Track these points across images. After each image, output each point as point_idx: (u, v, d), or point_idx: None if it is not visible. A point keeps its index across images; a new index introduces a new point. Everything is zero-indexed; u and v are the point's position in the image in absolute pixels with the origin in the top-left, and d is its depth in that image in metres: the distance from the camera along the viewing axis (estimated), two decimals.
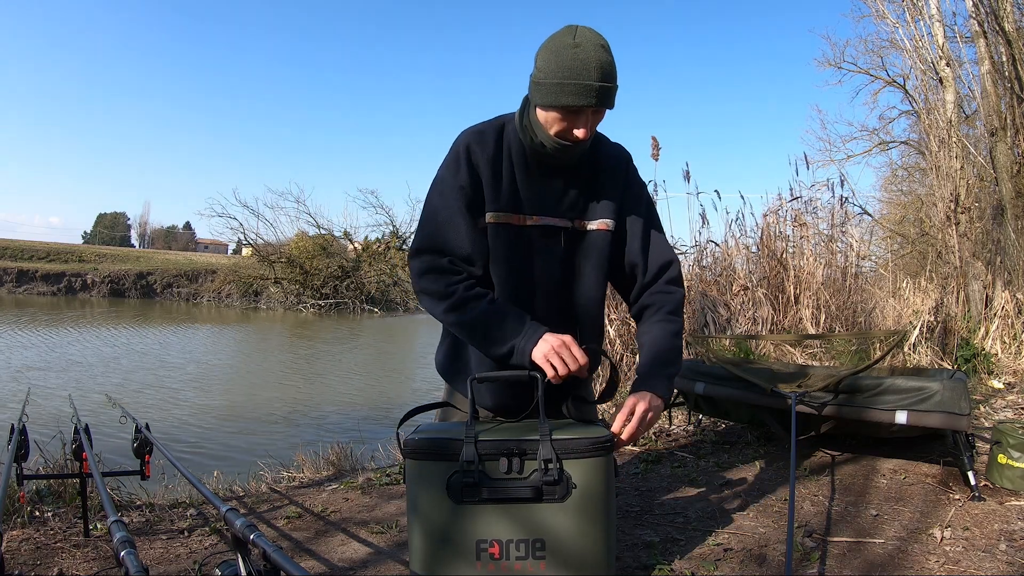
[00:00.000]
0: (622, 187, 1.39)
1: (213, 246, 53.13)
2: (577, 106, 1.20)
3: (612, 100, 1.23)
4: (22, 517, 1.65)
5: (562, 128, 1.24)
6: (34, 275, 24.25)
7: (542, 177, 1.33)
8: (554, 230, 1.34)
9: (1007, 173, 4.88)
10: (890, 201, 13.12)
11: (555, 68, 1.20)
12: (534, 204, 1.33)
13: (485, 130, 1.34)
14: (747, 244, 4.66)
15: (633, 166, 1.44)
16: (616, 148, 1.43)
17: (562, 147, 1.26)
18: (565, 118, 1.23)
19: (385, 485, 2.07)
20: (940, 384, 1.74)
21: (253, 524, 0.74)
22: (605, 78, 1.19)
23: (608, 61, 1.20)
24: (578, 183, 1.35)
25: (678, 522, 1.58)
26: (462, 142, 1.32)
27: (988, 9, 5.02)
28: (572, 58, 1.18)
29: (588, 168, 1.36)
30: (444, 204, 1.31)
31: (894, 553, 1.35)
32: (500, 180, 1.31)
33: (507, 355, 1.24)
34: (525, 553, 1.08)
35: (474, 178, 1.30)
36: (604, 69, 1.19)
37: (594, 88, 1.19)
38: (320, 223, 22.98)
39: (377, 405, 6.48)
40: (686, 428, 2.68)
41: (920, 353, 3.94)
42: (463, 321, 1.27)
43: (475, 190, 1.30)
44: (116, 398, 2.74)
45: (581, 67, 1.18)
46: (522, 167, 1.33)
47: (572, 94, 1.19)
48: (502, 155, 1.32)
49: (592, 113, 1.23)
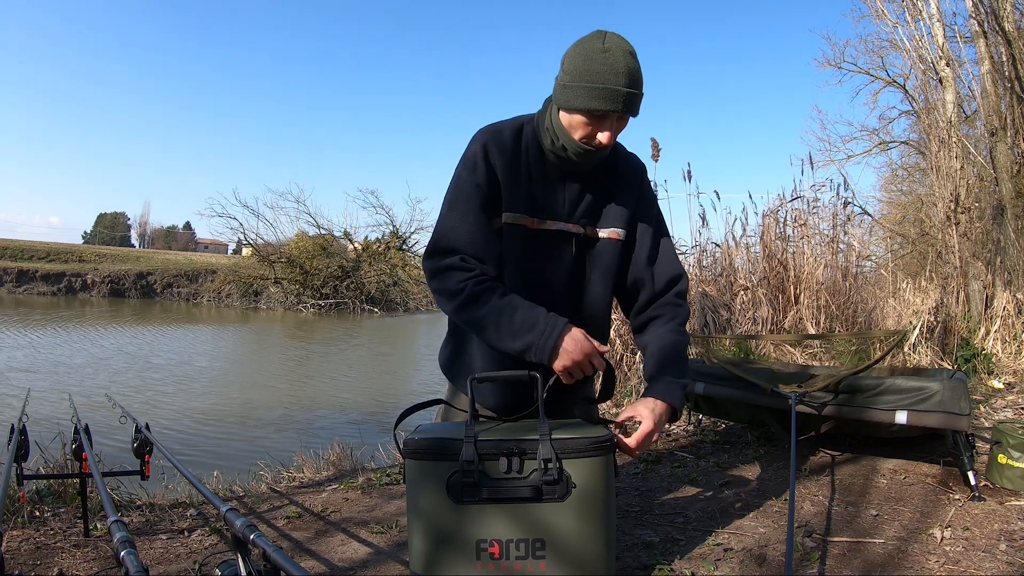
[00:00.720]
0: (636, 198, 1.39)
1: (213, 246, 53.15)
2: (603, 110, 1.20)
3: (637, 107, 1.23)
4: (22, 517, 1.65)
5: (586, 133, 1.24)
6: (34, 275, 24.25)
7: (558, 182, 1.33)
8: (566, 236, 1.34)
9: (1007, 173, 4.88)
10: (890, 201, 13.14)
11: (583, 71, 1.19)
12: (548, 208, 1.33)
13: (503, 129, 1.33)
14: (747, 244, 4.67)
15: (647, 178, 1.44)
16: (633, 158, 1.43)
17: (584, 151, 1.26)
18: (591, 122, 1.23)
19: (385, 485, 2.07)
20: (940, 384, 1.74)
21: (253, 524, 0.74)
22: (633, 84, 1.19)
23: (636, 68, 1.20)
24: (593, 190, 1.35)
25: (678, 522, 1.58)
26: (480, 140, 1.31)
27: (988, 9, 5.02)
28: (602, 63, 1.18)
29: (604, 176, 1.36)
30: (460, 202, 1.29)
31: (894, 553, 1.35)
32: (517, 181, 1.30)
33: (523, 351, 1.22)
34: (525, 553, 1.08)
35: (491, 177, 1.29)
36: (632, 75, 1.19)
37: (622, 93, 1.18)
38: (320, 223, 23.05)
39: (377, 405, 6.48)
40: (686, 428, 2.68)
41: (920, 353, 3.94)
42: (475, 317, 1.25)
43: (492, 188, 1.29)
44: (116, 398, 2.74)
45: (610, 72, 1.18)
46: (539, 170, 1.32)
47: (600, 98, 1.19)
48: (520, 156, 1.32)
49: (617, 119, 1.23)
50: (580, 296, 1.38)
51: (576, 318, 1.35)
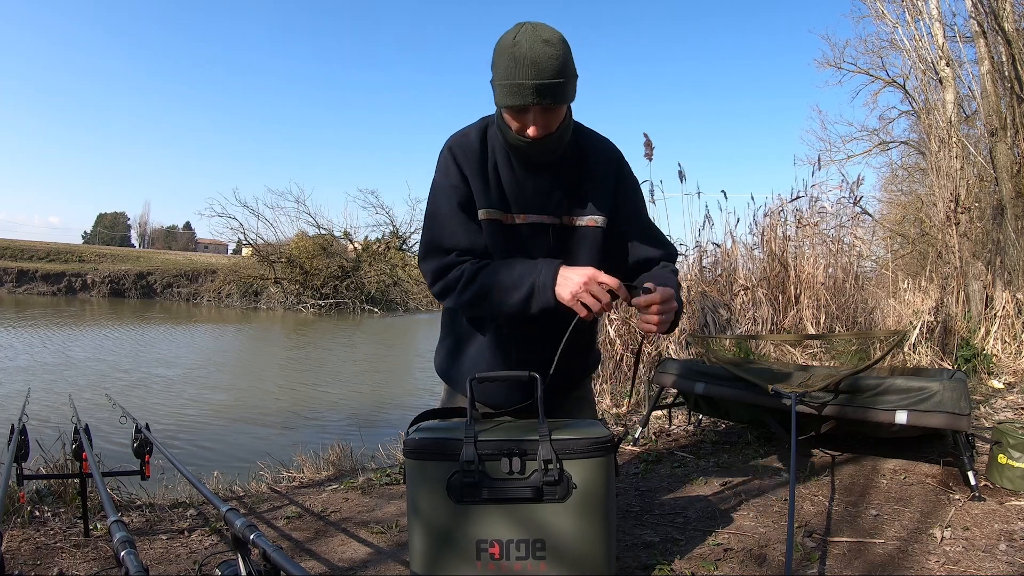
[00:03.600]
0: (613, 184, 1.38)
1: (213, 246, 53.15)
2: (518, 105, 1.20)
3: (557, 95, 1.19)
4: (22, 517, 1.65)
5: (516, 127, 1.25)
6: (34, 275, 24.26)
7: (527, 175, 1.33)
8: (542, 227, 1.34)
9: (1007, 173, 4.88)
10: (890, 201, 13.13)
11: (497, 68, 1.21)
12: (521, 202, 1.33)
13: (469, 132, 1.36)
14: (747, 244, 4.66)
15: (625, 163, 1.43)
16: (603, 144, 1.41)
17: (528, 143, 1.26)
18: (516, 117, 1.24)
19: (385, 485, 2.07)
20: (940, 384, 1.74)
21: (253, 524, 0.74)
22: (540, 75, 1.17)
23: (547, 55, 1.17)
24: (565, 179, 1.35)
25: (678, 522, 1.58)
26: (447, 145, 1.35)
27: (988, 9, 5.02)
28: (510, 57, 1.18)
29: (574, 164, 1.36)
30: (441, 205, 1.33)
31: (894, 553, 1.35)
32: (487, 179, 1.32)
33: (528, 297, 1.24)
34: (525, 553, 1.08)
35: (464, 177, 1.32)
36: (540, 66, 1.17)
37: (529, 87, 1.17)
38: (320, 223, 23.03)
39: (377, 405, 6.48)
40: (686, 428, 2.68)
41: (920, 353, 3.94)
42: (479, 288, 1.27)
43: (467, 187, 1.32)
44: (116, 398, 2.74)
45: (516, 67, 1.17)
46: (507, 166, 1.33)
47: (511, 95, 1.19)
48: (487, 155, 1.34)
49: (541, 110, 1.21)
50: None
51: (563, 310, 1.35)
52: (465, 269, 1.28)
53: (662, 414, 2.76)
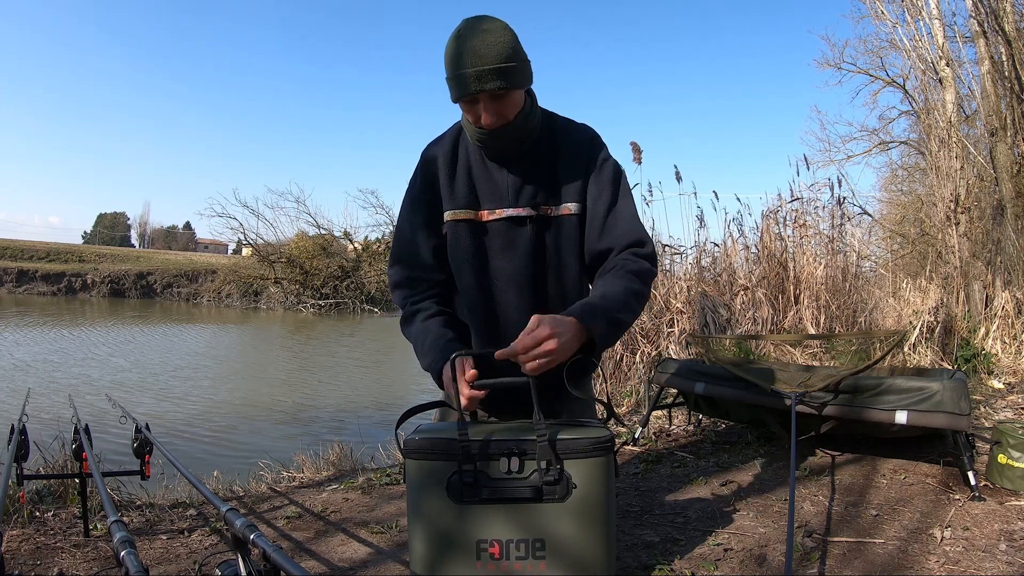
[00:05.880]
0: (584, 168, 1.34)
1: (213, 246, 53.13)
2: (466, 96, 1.21)
3: (501, 80, 1.18)
4: (22, 517, 1.65)
5: (472, 118, 1.26)
6: (34, 275, 24.26)
7: (499, 170, 1.33)
8: (518, 221, 1.33)
9: (1007, 173, 4.88)
10: (890, 201, 13.12)
11: (445, 62, 1.23)
12: (493, 198, 1.33)
13: (444, 136, 1.39)
14: (747, 244, 4.66)
15: (598, 144, 1.37)
16: (574, 128, 1.38)
17: (486, 135, 1.26)
18: (469, 110, 1.25)
19: (385, 485, 2.07)
20: (940, 384, 1.74)
21: (253, 524, 0.73)
22: (480, 62, 1.17)
23: (485, 43, 1.17)
24: (537, 170, 1.33)
25: (678, 522, 1.58)
26: (422, 153, 1.38)
27: (988, 9, 5.02)
28: (453, 50, 1.20)
29: (547, 153, 1.34)
30: (400, 217, 1.40)
31: (894, 553, 1.35)
32: (455, 179, 1.34)
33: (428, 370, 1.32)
34: (525, 553, 1.08)
35: (431, 185, 1.35)
36: (478, 54, 1.17)
37: (470, 75, 1.18)
38: (320, 223, 23.03)
39: (377, 405, 6.48)
40: (686, 428, 2.68)
41: (920, 353, 3.94)
42: (406, 335, 1.38)
43: (434, 196, 1.35)
44: (116, 398, 2.74)
45: (457, 58, 1.19)
46: (479, 163, 1.34)
47: (456, 86, 1.21)
48: (458, 155, 1.35)
49: (489, 98, 1.21)
50: (547, 280, 1.35)
51: (546, 303, 1.34)
52: (406, 305, 1.38)
53: (662, 414, 2.76)
